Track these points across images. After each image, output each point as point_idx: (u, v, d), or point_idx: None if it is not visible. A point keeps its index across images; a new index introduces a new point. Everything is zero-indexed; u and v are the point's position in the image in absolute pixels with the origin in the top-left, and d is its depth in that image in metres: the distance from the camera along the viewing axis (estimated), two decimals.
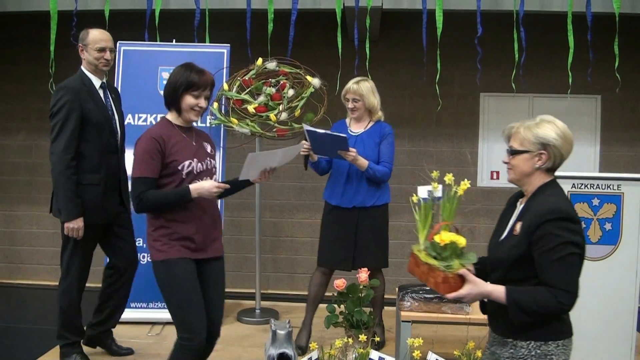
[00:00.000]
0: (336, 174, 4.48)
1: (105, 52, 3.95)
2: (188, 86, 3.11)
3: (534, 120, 2.47)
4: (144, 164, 3.04)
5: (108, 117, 3.99)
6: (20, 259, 6.62)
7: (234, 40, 5.33)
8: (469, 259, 2.41)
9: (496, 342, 2.51)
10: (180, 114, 3.18)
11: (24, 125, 6.61)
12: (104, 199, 3.96)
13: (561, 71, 5.33)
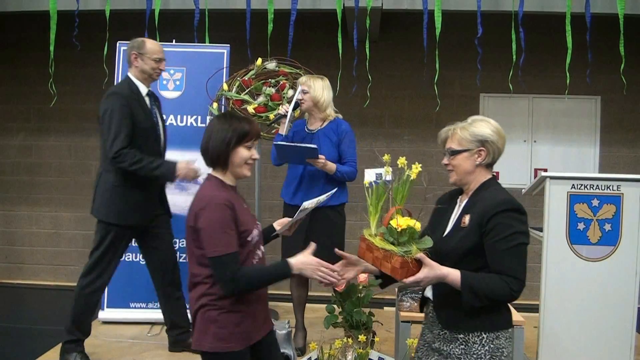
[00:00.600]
0: (292, 173, 4.45)
1: (162, 62, 4.10)
2: (240, 137, 2.62)
3: (466, 122, 2.57)
4: (225, 238, 2.49)
5: (153, 123, 4.10)
6: (20, 259, 6.62)
7: (233, 40, 5.33)
8: (426, 243, 2.40)
9: (441, 338, 2.53)
10: (227, 170, 2.67)
11: (24, 126, 6.61)
12: (147, 202, 4.06)
13: (561, 72, 5.33)
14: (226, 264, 2.48)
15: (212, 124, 2.67)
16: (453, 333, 2.47)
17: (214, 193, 2.56)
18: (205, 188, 2.64)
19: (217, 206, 2.50)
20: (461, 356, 2.44)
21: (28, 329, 4.98)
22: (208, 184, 2.66)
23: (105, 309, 4.97)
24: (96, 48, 5.43)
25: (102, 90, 5.48)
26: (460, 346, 2.45)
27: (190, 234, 2.55)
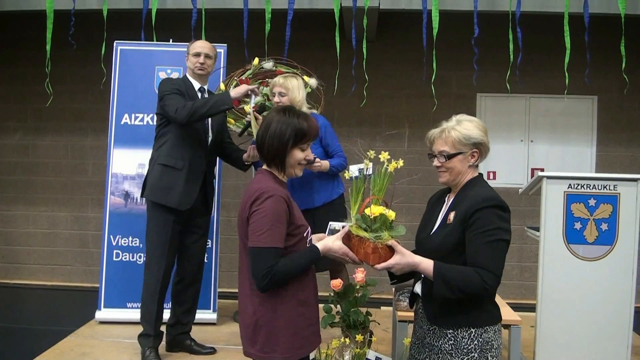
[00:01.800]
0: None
1: (200, 56, 4.17)
2: (298, 138, 2.47)
3: (453, 122, 2.61)
4: (274, 230, 2.35)
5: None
6: (17, 259, 6.61)
7: (230, 40, 5.32)
8: (399, 231, 2.50)
9: (431, 333, 2.56)
10: (282, 169, 2.53)
11: (21, 125, 6.60)
12: (182, 184, 4.07)
13: (558, 72, 5.34)
14: (265, 258, 2.36)
15: (271, 120, 2.50)
16: (442, 329, 2.50)
17: (270, 185, 2.43)
18: (261, 181, 2.48)
19: (274, 198, 2.38)
20: (452, 351, 2.47)
21: (25, 329, 4.97)
22: (263, 177, 2.51)
23: (102, 309, 4.97)
24: (93, 47, 5.43)
25: (100, 89, 5.51)
26: (449, 341, 2.48)
27: (244, 228, 2.47)
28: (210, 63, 4.25)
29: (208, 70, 4.25)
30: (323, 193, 4.44)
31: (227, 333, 4.82)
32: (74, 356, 4.23)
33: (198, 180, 4.14)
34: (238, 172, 6.24)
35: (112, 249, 5.03)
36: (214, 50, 4.27)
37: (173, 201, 4.04)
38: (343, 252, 2.53)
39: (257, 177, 2.54)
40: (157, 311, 4.13)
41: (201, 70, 4.20)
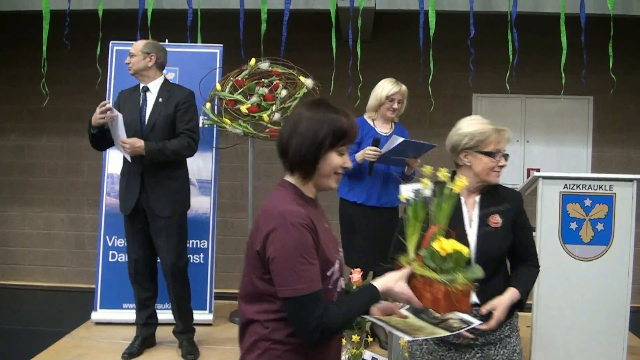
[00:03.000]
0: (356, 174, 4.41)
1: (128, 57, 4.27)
2: (336, 138, 1.98)
3: (488, 120, 2.66)
4: (307, 270, 1.87)
5: (135, 118, 4.17)
6: (13, 259, 6.59)
7: (226, 40, 5.32)
8: (475, 272, 2.12)
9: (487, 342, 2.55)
10: (310, 179, 2.03)
11: (17, 126, 6.59)
12: (124, 191, 4.26)
13: (554, 72, 5.35)
14: (307, 307, 1.87)
15: (299, 115, 2.00)
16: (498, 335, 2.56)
17: (289, 207, 1.94)
18: (277, 199, 2.01)
19: (293, 227, 1.88)
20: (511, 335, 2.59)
21: (21, 330, 4.96)
22: (281, 194, 2.03)
23: (97, 310, 4.96)
24: (89, 48, 5.42)
25: (95, 90, 5.50)
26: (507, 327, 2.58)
27: (254, 261, 1.95)
28: (135, 60, 4.24)
29: (134, 67, 4.24)
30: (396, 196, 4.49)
31: (223, 333, 4.81)
32: (70, 357, 4.23)
33: (136, 184, 4.16)
34: (234, 173, 6.27)
35: (108, 250, 5.02)
36: (138, 47, 4.24)
37: (121, 207, 4.29)
38: (406, 297, 2.05)
39: (275, 192, 2.06)
40: (137, 302, 4.36)
41: (130, 70, 4.27)
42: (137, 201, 4.15)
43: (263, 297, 1.95)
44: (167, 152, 4.08)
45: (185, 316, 4.38)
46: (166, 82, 4.34)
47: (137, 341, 4.29)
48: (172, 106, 4.20)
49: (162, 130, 4.13)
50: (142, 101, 4.22)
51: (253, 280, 1.96)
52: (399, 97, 4.48)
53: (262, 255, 1.91)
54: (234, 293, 5.97)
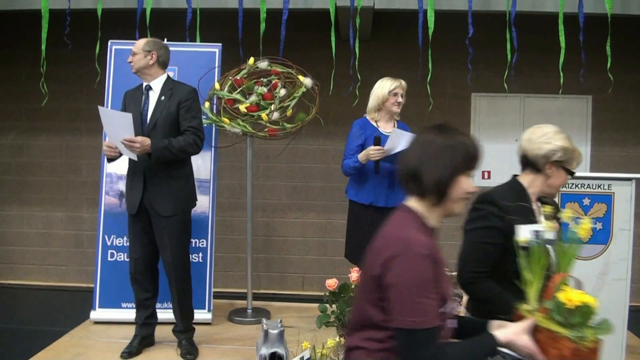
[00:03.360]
0: (380, 176, 4.45)
1: (130, 56, 4.28)
2: (468, 161, 1.99)
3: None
4: (427, 303, 1.82)
5: (137, 117, 4.16)
6: (11, 259, 6.58)
7: (225, 39, 5.32)
8: (605, 328, 1.94)
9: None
10: (441, 204, 1.99)
11: (15, 125, 6.58)
12: (128, 191, 4.29)
13: (552, 71, 5.35)
14: (421, 342, 1.81)
15: (428, 140, 1.98)
16: None
17: (415, 236, 1.88)
18: (400, 224, 1.96)
19: (417, 257, 1.82)
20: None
21: (19, 329, 4.96)
22: (404, 220, 1.97)
23: (96, 309, 4.96)
24: (88, 47, 5.42)
25: (94, 89, 5.50)
26: None
27: (369, 286, 1.92)
28: (136, 59, 4.25)
29: (137, 65, 4.25)
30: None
31: (222, 332, 4.82)
32: (69, 356, 4.23)
33: (138, 185, 4.18)
34: (233, 172, 6.27)
35: (107, 249, 5.02)
36: (139, 46, 4.25)
37: (126, 206, 4.31)
38: (529, 350, 1.97)
39: (396, 216, 2.01)
40: (136, 301, 4.35)
41: (132, 68, 4.28)
42: (140, 200, 4.16)
43: (373, 325, 1.90)
44: (174, 150, 4.07)
45: (187, 315, 4.38)
46: (169, 79, 4.33)
47: (136, 340, 4.29)
48: (174, 104, 4.19)
49: (164, 129, 4.12)
50: (145, 100, 4.22)
51: (365, 307, 1.93)
52: (400, 90, 4.54)
53: (378, 280, 1.86)
54: (232, 292, 6.00)
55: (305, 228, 6.41)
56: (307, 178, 6.40)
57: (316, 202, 6.38)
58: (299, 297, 6.08)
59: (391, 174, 4.44)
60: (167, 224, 4.19)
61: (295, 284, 6.41)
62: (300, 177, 6.40)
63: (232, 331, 4.89)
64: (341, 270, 6.04)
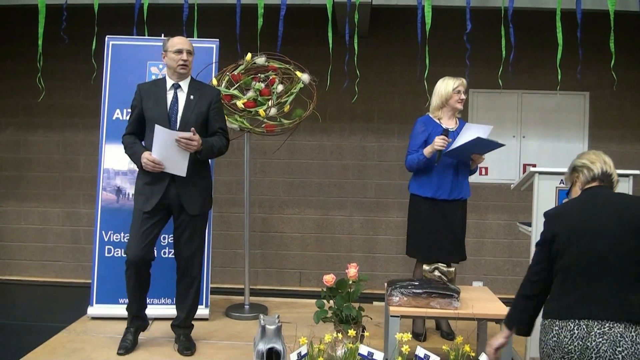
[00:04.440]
0: (442, 168, 4.51)
1: (182, 53, 4.16)
2: None
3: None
4: None
5: (164, 114, 4.13)
6: (9, 255, 6.59)
7: (222, 35, 5.31)
8: None
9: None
10: None
11: (12, 121, 6.57)
12: (145, 188, 4.17)
13: (550, 68, 5.35)
14: None
15: None
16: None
17: None
18: None
19: None
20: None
21: (17, 325, 4.96)
22: None
23: (94, 305, 4.96)
24: (85, 42, 5.41)
25: (91, 85, 5.49)
26: None
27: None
28: (191, 60, 4.25)
29: (190, 67, 4.24)
30: (467, 189, 4.69)
31: (219, 328, 4.82)
32: (66, 352, 4.23)
33: (162, 183, 4.12)
34: (230, 168, 6.27)
35: (104, 245, 5.02)
36: (192, 46, 4.29)
37: (139, 204, 4.19)
38: None
39: None
40: (132, 295, 4.23)
41: (183, 69, 4.18)
42: (160, 198, 4.13)
43: None
44: (215, 150, 4.18)
45: (194, 311, 4.41)
46: (193, 79, 4.33)
47: (130, 334, 4.25)
48: (205, 104, 4.20)
49: (195, 128, 4.08)
50: (173, 98, 4.17)
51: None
52: (462, 88, 4.56)
53: None
54: (230, 288, 6.00)
55: (302, 224, 6.41)
56: (304, 174, 6.40)
57: (313, 198, 6.39)
58: (296, 293, 6.09)
59: (455, 168, 4.52)
60: (191, 222, 4.22)
61: (293, 280, 6.42)
62: (298, 173, 6.40)
63: (230, 327, 4.89)
64: (338, 266, 6.07)
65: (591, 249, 2.57)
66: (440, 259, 4.38)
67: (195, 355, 4.22)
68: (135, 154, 4.14)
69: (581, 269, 2.57)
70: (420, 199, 4.54)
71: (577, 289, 2.55)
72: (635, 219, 2.59)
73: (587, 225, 2.64)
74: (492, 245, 6.31)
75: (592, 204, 2.74)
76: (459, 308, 3.68)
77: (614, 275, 2.49)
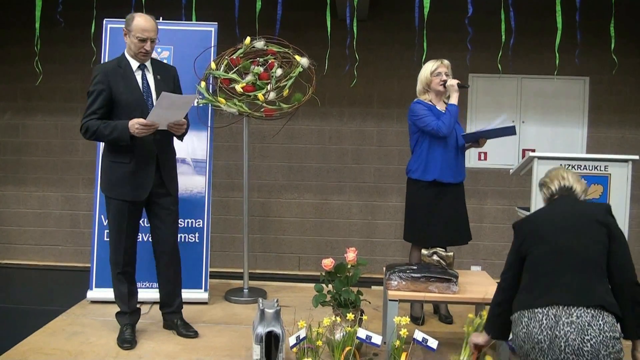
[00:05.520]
0: (445, 150, 4.50)
1: (146, 43, 3.98)
2: None
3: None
4: None
5: (140, 97, 4.01)
6: (8, 239, 6.59)
7: (221, 18, 5.28)
8: None
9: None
10: None
11: (10, 105, 6.55)
12: (133, 177, 3.99)
13: (550, 53, 5.32)
14: None
15: None
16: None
17: None
18: None
19: None
20: None
21: (16, 308, 4.97)
22: None
23: (93, 289, 4.97)
24: (83, 26, 5.37)
25: (89, 69, 5.45)
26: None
27: None
28: (154, 46, 4.08)
29: (151, 53, 4.10)
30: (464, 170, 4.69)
31: (218, 312, 4.83)
32: (66, 335, 4.25)
33: (150, 167, 4.03)
34: (229, 152, 6.27)
35: (103, 229, 5.01)
36: (157, 28, 4.08)
37: (127, 195, 4.01)
38: None
39: None
40: (127, 291, 4.16)
41: (145, 57, 4.05)
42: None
43: None
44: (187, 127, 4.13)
45: (181, 295, 4.39)
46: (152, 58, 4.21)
47: (128, 329, 4.16)
48: (170, 83, 4.16)
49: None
50: (144, 80, 4.08)
51: None
52: (443, 69, 4.55)
53: None
54: (229, 272, 6.02)
55: (301, 208, 6.42)
56: (303, 158, 6.40)
57: (312, 182, 6.39)
58: (295, 277, 6.11)
59: (456, 149, 4.53)
60: (172, 203, 4.20)
61: (292, 264, 6.43)
62: (297, 157, 6.39)
63: (229, 310, 4.91)
64: (337, 251, 6.08)
65: (557, 243, 2.71)
66: (444, 243, 4.39)
67: (194, 339, 4.24)
68: (117, 127, 3.85)
69: (548, 261, 2.69)
70: (424, 183, 4.51)
71: (545, 279, 2.66)
72: (593, 213, 2.78)
73: (551, 225, 2.79)
74: (490, 230, 6.32)
75: (554, 208, 2.91)
76: (457, 292, 3.69)
77: (580, 265, 2.65)
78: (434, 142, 4.47)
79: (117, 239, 4.08)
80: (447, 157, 4.47)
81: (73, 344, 4.09)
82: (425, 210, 4.51)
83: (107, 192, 4.06)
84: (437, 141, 4.46)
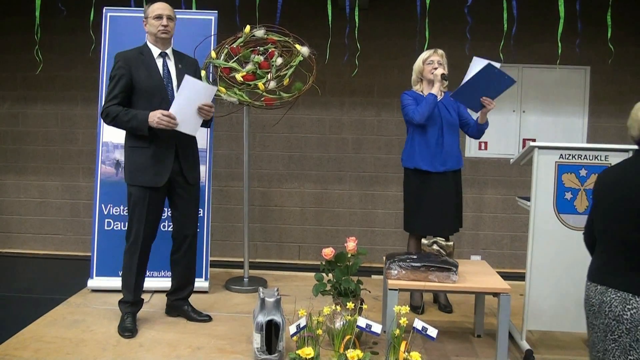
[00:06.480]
0: (423, 138, 4.52)
1: (162, 19, 4.09)
2: None
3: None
4: None
5: (160, 83, 4.09)
6: (8, 228, 6.60)
7: (221, 7, 5.26)
8: None
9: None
10: None
11: (10, 94, 6.54)
12: (152, 162, 4.05)
13: (551, 42, 5.32)
14: None
15: None
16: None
17: None
18: None
19: None
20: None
21: (17, 297, 4.98)
22: None
23: (94, 278, 4.99)
24: (83, 14, 5.35)
25: (89, 57, 5.46)
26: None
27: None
28: (172, 25, 4.18)
29: (171, 33, 4.18)
30: (458, 159, 4.66)
31: (219, 301, 4.85)
32: (66, 324, 4.26)
33: (169, 155, 4.08)
34: (230, 142, 6.26)
35: (103, 218, 5.03)
36: (174, 12, 4.21)
37: (146, 181, 4.05)
38: None
39: None
40: (135, 281, 4.18)
41: (165, 34, 4.12)
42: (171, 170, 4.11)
43: None
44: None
45: (194, 283, 4.50)
46: (174, 49, 4.30)
47: (129, 318, 4.18)
48: (192, 73, 4.17)
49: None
50: (164, 67, 4.14)
51: None
52: (436, 57, 4.59)
53: None
54: (229, 261, 6.03)
55: (301, 198, 6.42)
56: (303, 148, 6.39)
57: (312, 172, 6.38)
58: (295, 266, 6.12)
59: (449, 140, 4.53)
60: (194, 193, 4.27)
61: (292, 253, 6.44)
62: (297, 147, 6.39)
63: (229, 299, 4.92)
64: (337, 240, 6.09)
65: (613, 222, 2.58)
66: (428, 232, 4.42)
67: (195, 328, 4.25)
68: (137, 116, 3.95)
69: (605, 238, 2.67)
70: (419, 172, 4.53)
71: (602, 256, 2.68)
72: None
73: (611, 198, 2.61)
74: (490, 220, 6.33)
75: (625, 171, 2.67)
76: (456, 281, 3.69)
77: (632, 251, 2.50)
78: (416, 131, 4.53)
79: (137, 229, 4.11)
80: (426, 146, 4.50)
81: (74, 333, 4.10)
82: (412, 198, 4.59)
83: (129, 180, 4.11)
84: (418, 130, 4.51)
